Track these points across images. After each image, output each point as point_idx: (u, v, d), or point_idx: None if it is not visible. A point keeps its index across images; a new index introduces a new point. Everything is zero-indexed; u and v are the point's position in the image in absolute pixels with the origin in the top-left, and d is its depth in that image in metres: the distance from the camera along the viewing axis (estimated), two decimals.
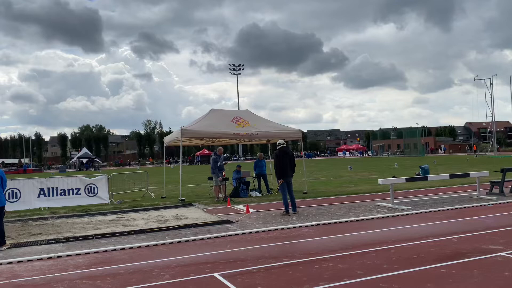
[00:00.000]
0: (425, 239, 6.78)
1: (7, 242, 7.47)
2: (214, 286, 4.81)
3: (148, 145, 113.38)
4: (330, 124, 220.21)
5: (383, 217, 9.14)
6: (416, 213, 9.55)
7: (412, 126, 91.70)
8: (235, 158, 77.61)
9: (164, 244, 7.19)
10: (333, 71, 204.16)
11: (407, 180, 12.01)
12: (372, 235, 7.38)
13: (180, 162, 17.24)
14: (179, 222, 9.41)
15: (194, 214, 10.61)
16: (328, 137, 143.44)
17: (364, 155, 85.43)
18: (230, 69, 76.97)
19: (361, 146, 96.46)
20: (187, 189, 17.53)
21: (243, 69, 77.84)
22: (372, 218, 9.02)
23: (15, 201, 11.97)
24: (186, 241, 7.38)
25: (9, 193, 11.77)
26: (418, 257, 5.70)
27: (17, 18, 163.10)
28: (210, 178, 14.77)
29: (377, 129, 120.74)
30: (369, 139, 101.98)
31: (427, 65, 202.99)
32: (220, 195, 13.38)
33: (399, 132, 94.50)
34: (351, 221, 8.80)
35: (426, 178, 12.71)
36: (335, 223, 8.64)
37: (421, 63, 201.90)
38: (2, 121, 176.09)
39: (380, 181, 11.10)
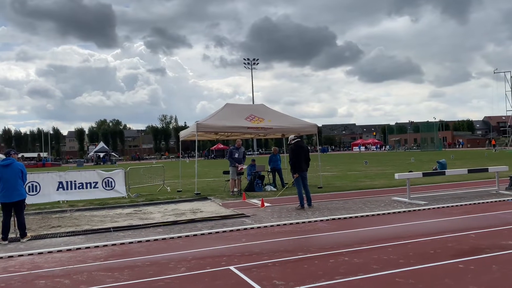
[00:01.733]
0: (442, 235, 6.69)
1: (28, 234, 7.65)
2: (230, 279, 4.85)
3: (164, 139, 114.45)
4: (345, 118, 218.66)
5: (399, 212, 9.06)
6: (433, 208, 9.44)
7: (429, 120, 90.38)
8: (249, 153, 77.73)
9: (180, 237, 7.27)
10: (347, 65, 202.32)
11: (424, 174, 11.86)
12: (388, 230, 7.33)
13: (196, 156, 17.36)
14: (195, 216, 9.50)
15: (210, 208, 10.69)
16: (344, 132, 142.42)
17: (382, 149, 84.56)
18: (244, 63, 76.86)
19: (377, 141, 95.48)
20: (202, 183, 17.64)
21: (257, 64, 77.61)
22: (388, 213, 8.95)
23: (35, 194, 12.23)
24: (202, 234, 7.45)
25: (29, 186, 12.03)
26: (435, 253, 5.64)
27: (32, 14, 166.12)
28: (225, 172, 14.83)
29: (393, 123, 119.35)
30: (385, 134, 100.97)
31: (443, 58, 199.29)
32: (235, 189, 13.43)
33: (415, 126, 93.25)
34: (367, 215, 8.75)
35: (443, 173, 12.53)
36: (350, 217, 8.60)
37: (437, 56, 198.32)
38: (21, 116, 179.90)
39: (396, 175, 11.00)
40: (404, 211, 9.14)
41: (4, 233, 7.37)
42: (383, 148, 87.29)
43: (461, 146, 79.22)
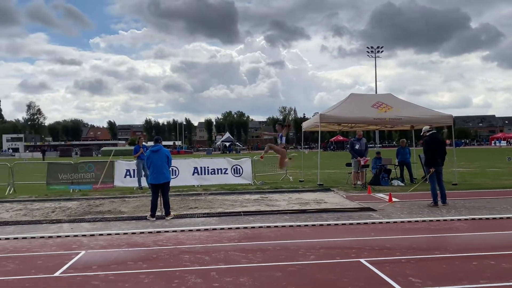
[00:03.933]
0: None
1: (172, 213, 8.57)
2: (361, 271, 4.77)
3: None
4: (482, 109, 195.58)
5: None
6: None
7: None
8: (371, 145, 74.98)
9: (307, 225, 7.37)
10: (484, 50, 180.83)
11: None
12: None
13: (318, 147, 17.39)
14: (319, 206, 9.54)
15: (334, 199, 10.62)
16: (480, 124, 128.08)
17: None
18: (367, 51, 74.05)
19: None
20: (323, 174, 17.57)
21: (382, 52, 74.10)
22: None
23: (174, 178, 13.58)
24: (328, 224, 7.44)
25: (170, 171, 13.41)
26: None
27: (165, 15, 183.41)
28: (347, 164, 14.56)
29: None
30: None
31: None
32: (358, 182, 13.09)
33: None
34: None
35: None
36: (494, 218, 7.71)
37: None
38: (158, 108, 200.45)
39: None
40: None
41: (152, 211, 8.38)
42: None
43: None
